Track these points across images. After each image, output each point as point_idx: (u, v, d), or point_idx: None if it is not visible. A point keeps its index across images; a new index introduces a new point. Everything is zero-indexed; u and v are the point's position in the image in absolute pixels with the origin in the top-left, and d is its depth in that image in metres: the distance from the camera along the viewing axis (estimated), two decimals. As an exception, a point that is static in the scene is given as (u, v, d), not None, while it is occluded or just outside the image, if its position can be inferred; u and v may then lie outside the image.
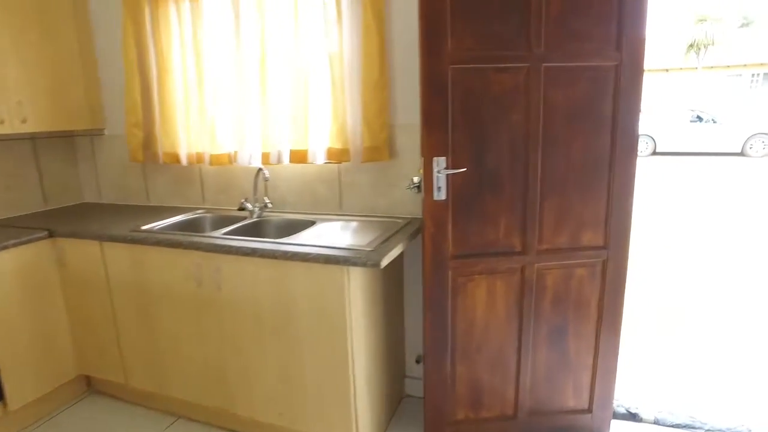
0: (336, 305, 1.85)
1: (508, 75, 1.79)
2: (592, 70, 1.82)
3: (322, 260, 1.82)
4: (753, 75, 21.75)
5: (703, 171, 10.62)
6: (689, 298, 3.92)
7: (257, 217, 2.52)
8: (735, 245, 5.34)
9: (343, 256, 1.78)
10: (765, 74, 21.50)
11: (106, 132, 3.02)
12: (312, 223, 2.38)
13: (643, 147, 13.26)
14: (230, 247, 1.99)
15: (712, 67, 21.54)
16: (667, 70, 22.87)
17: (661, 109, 13.83)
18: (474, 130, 1.83)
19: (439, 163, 1.82)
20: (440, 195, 1.84)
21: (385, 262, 1.77)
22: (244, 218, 2.53)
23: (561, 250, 1.95)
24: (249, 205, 2.54)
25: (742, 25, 24.07)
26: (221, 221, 2.61)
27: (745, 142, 12.37)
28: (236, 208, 2.71)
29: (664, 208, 7.18)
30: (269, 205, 2.55)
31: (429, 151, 1.81)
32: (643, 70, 1.84)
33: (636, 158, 1.90)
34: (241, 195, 2.69)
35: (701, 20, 19.84)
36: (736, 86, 21.82)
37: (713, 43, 19.83)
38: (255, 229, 2.47)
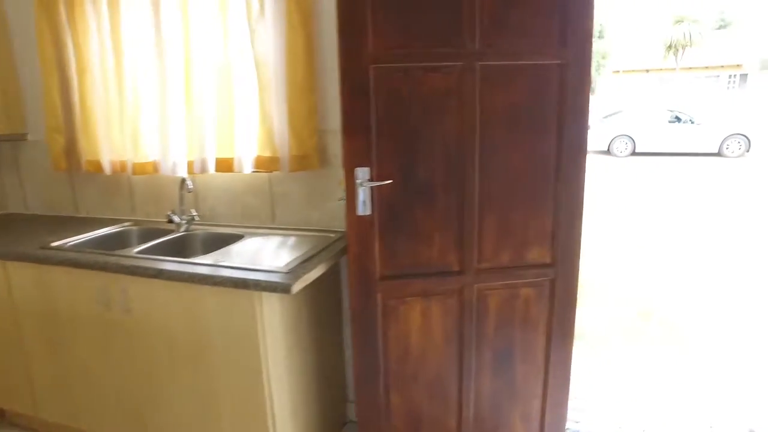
0: (248, 332, 1.64)
1: (439, 75, 1.60)
2: (535, 68, 1.63)
3: (230, 284, 1.61)
4: (730, 76, 22.01)
5: (681, 171, 10.59)
6: (663, 302, 3.78)
7: (184, 231, 2.30)
8: (711, 246, 5.24)
9: (253, 280, 1.57)
10: (741, 76, 21.77)
11: (29, 137, 2.77)
12: (239, 237, 2.17)
13: (623, 147, 13.24)
14: (136, 267, 1.78)
15: (690, 68, 21.73)
16: (647, 71, 23.05)
17: (641, 109, 13.81)
18: (402, 137, 1.63)
19: (362, 174, 1.62)
20: (364, 210, 1.64)
21: (298, 287, 1.57)
22: (171, 232, 2.30)
23: (504, 269, 1.76)
24: (176, 218, 2.32)
25: (720, 27, 24.36)
26: (147, 235, 2.38)
27: (722, 142, 12.39)
28: (166, 220, 2.48)
29: (643, 208, 7.08)
30: (197, 218, 2.33)
31: (350, 161, 1.61)
32: (590, 69, 1.66)
33: (584, 167, 1.72)
34: (172, 206, 2.46)
35: (679, 21, 19.99)
36: (714, 87, 22.03)
37: (691, 44, 19.99)
38: (179, 245, 2.25)
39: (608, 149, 13.35)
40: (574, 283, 1.80)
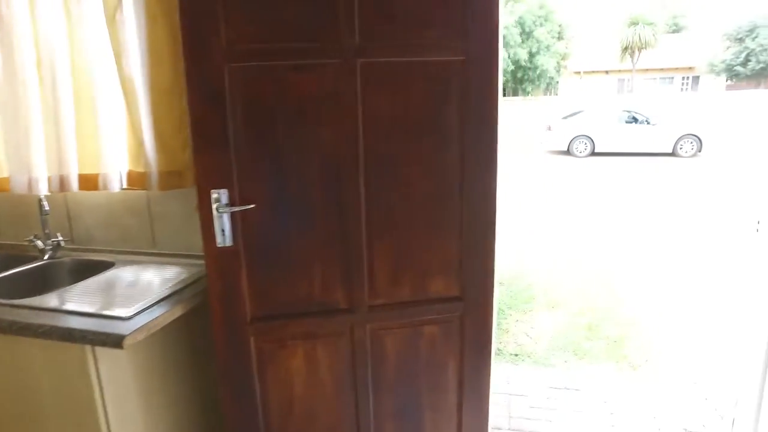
0: (82, 394, 1.32)
1: (311, 75, 1.32)
2: (431, 67, 1.37)
3: (56, 336, 1.29)
4: (683, 78, 22.61)
5: (637, 172, 10.65)
6: (613, 312, 3.60)
7: (48, 258, 1.95)
8: (663, 250, 5.13)
9: (80, 331, 1.26)
10: (693, 78, 22.40)
11: None
12: (109, 266, 1.84)
13: (583, 148, 13.29)
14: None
15: (646, 70, 22.22)
16: (607, 72, 23.46)
17: (600, 109, 13.91)
18: (269, 152, 1.34)
19: (220, 197, 1.32)
20: (225, 240, 1.34)
21: (135, 339, 1.26)
22: (33, 259, 1.95)
23: (402, 305, 1.49)
24: (39, 243, 1.96)
25: (673, 31, 25.02)
26: (7, 263, 2.01)
27: (676, 142, 12.57)
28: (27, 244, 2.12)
29: (599, 211, 6.99)
30: (63, 243, 1.98)
31: (204, 182, 1.31)
32: (498, 66, 1.41)
33: (495, 181, 1.46)
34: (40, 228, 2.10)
35: (633, 23, 20.39)
36: (668, 89, 22.60)
37: (645, 46, 20.42)
38: (38, 275, 1.90)
39: (568, 149, 13.38)
40: (488, 317, 1.54)
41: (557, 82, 21.79)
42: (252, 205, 1.33)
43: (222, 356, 1.43)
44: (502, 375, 2.84)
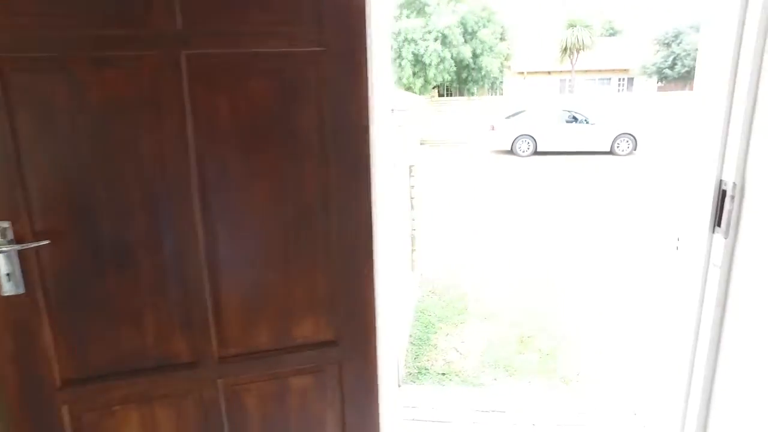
0: None
1: (119, 72, 1.02)
2: (277, 60, 1.10)
3: None
4: (619, 80, 23.52)
5: (577, 170, 10.82)
6: (547, 322, 3.46)
7: None
8: (603, 248, 5.10)
9: None
10: (629, 79, 23.36)
11: None
12: None
13: (526, 147, 13.44)
14: None
15: (586, 71, 22.92)
16: (549, 73, 24.02)
17: (542, 109, 14.13)
18: (70, 173, 1.04)
19: (3, 231, 1.00)
20: (13, 287, 1.03)
21: None
22: None
23: (262, 354, 1.22)
24: None
25: (610, 34, 26.01)
26: None
27: (613, 141, 12.92)
28: None
29: (539, 213, 6.95)
30: None
31: (-27, 211, 0.99)
32: (365, 61, 1.16)
33: (370, 199, 1.21)
34: None
35: (572, 25, 20.98)
36: (606, 89, 23.44)
37: (583, 48, 21.05)
38: None
39: (511, 149, 13.51)
40: (370, 363, 1.29)
41: (501, 82, 22.09)
42: (46, 241, 1.02)
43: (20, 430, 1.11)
44: (427, 400, 2.63)
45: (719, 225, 1.12)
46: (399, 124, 2.69)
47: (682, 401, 1.48)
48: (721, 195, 1.10)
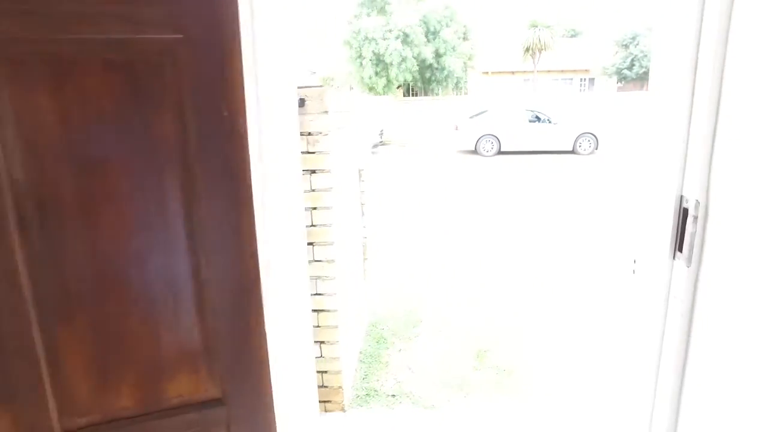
0: None
1: None
2: (120, 50, 0.84)
3: None
4: (581, 80, 23.96)
5: (540, 170, 10.82)
6: (502, 338, 3.28)
7: None
8: (565, 251, 4.99)
9: None
10: (590, 80, 23.83)
11: None
12: None
13: (489, 147, 13.42)
14: None
15: (548, 71, 23.23)
16: (513, 72, 24.24)
17: (505, 109, 14.12)
18: None
19: None
20: None
21: None
22: None
23: (126, 421, 0.96)
24: None
25: (571, 36, 26.46)
26: None
27: (575, 140, 13.03)
28: None
29: (502, 212, 6.83)
30: None
31: None
32: (239, 51, 0.91)
33: (251, 221, 0.97)
34: None
35: (533, 26, 21.21)
36: (568, 89, 23.82)
37: (545, 48, 21.31)
38: None
39: (475, 149, 13.46)
40: (267, 423, 1.05)
41: (465, 81, 22.15)
42: None
43: None
44: (375, 425, 2.41)
45: (680, 250, 0.93)
46: (339, 126, 2.46)
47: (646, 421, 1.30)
48: (683, 214, 0.91)
